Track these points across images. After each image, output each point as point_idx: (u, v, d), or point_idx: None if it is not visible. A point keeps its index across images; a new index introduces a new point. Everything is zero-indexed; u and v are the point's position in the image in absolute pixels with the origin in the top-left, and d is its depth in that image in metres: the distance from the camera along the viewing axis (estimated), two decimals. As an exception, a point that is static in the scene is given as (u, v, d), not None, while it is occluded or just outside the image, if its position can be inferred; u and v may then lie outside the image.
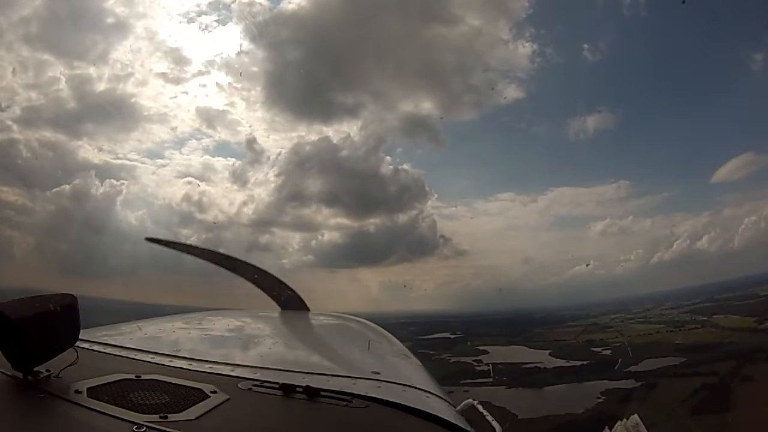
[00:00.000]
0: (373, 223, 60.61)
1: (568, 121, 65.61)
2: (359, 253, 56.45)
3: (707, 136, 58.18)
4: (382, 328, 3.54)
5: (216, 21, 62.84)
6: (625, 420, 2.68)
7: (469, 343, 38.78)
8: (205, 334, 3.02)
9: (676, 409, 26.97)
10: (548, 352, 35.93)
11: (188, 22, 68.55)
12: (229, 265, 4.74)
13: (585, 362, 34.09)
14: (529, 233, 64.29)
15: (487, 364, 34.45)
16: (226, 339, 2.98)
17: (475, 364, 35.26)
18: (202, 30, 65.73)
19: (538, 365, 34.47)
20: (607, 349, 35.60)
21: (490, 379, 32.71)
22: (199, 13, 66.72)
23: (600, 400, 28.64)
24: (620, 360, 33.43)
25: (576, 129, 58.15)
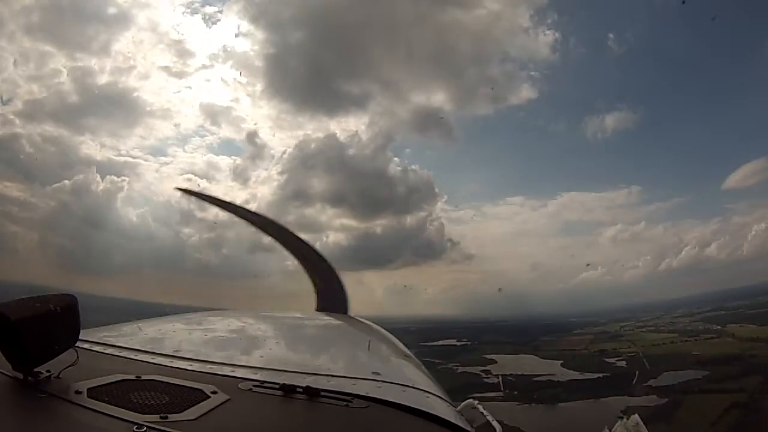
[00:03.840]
0: (379, 224, 58.95)
1: (585, 120, 63.89)
2: (365, 255, 54.63)
3: (721, 140, 57.03)
4: (383, 329, 3.46)
5: (219, 11, 59.88)
6: (625, 420, 2.61)
7: (469, 343, 36.69)
8: (206, 335, 2.90)
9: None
10: (560, 362, 33.74)
11: (191, 14, 65.17)
12: (272, 231, 4.42)
13: (600, 375, 31.93)
14: (537, 238, 63.11)
15: (497, 376, 32.08)
16: (226, 339, 2.86)
17: (484, 375, 32.92)
18: (206, 21, 62.85)
19: (550, 378, 32.15)
20: (621, 360, 33.58)
21: (501, 393, 30.07)
22: (203, 3, 63.34)
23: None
24: (637, 373, 31.38)
25: (593, 128, 56.73)
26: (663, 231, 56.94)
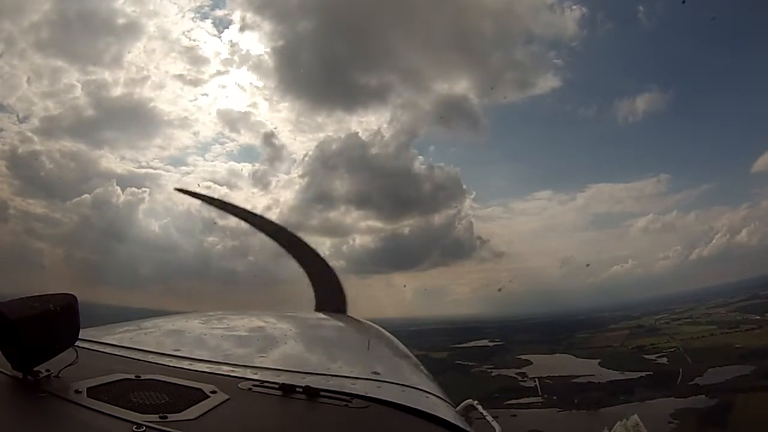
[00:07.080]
0: (407, 225, 57.62)
1: (615, 104, 61.35)
2: (393, 257, 53.46)
3: (750, 121, 54.80)
4: (387, 331, 3.40)
5: (229, 14, 58.33)
6: (625, 420, 2.58)
7: (503, 343, 35.10)
8: (205, 335, 2.91)
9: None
10: (597, 361, 32.28)
11: (201, 19, 63.41)
12: (271, 233, 4.40)
13: (642, 374, 30.43)
14: (567, 233, 61.75)
15: (533, 379, 30.60)
16: (225, 339, 2.82)
17: (519, 378, 31.59)
18: (216, 25, 61.43)
19: (590, 379, 30.67)
20: (662, 356, 32.00)
21: (539, 399, 28.54)
22: (213, 7, 61.70)
23: (673, 425, 24.44)
24: (681, 370, 29.83)
25: (623, 112, 54.88)
26: (693, 219, 55.35)
